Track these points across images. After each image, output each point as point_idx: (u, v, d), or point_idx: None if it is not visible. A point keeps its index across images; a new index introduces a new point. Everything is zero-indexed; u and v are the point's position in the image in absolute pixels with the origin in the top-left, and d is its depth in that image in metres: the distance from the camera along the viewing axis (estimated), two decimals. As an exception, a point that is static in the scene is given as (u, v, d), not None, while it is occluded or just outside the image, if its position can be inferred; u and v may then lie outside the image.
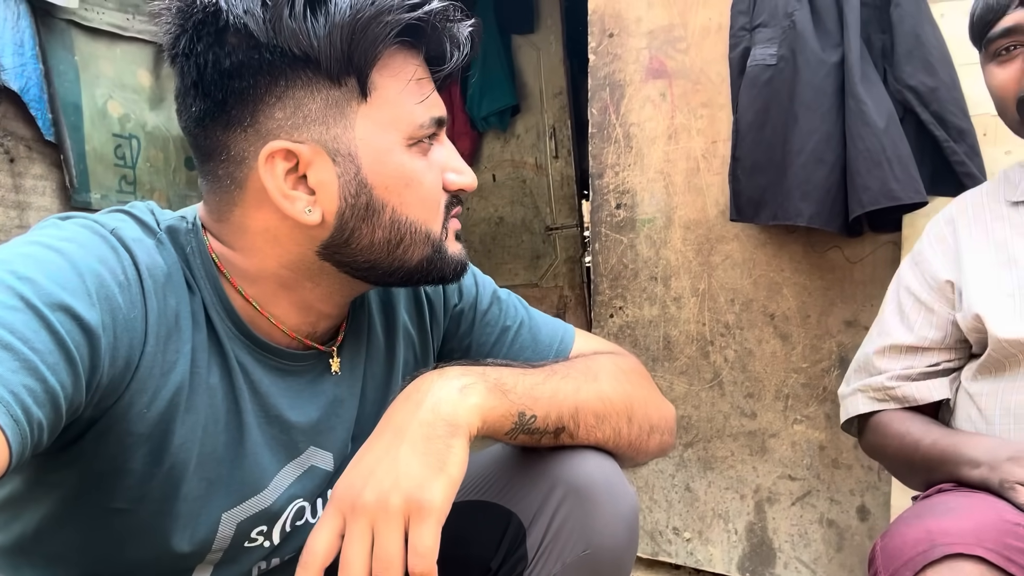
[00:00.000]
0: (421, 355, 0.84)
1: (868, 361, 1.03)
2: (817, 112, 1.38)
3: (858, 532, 1.60)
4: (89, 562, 0.66)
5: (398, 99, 0.64)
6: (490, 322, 0.86)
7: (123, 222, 0.62)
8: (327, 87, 0.62)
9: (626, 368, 0.83)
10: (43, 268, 0.52)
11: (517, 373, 0.71)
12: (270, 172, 0.62)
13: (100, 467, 0.60)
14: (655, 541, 1.84)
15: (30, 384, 0.47)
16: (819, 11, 1.41)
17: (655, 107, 1.72)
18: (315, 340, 0.72)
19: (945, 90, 1.34)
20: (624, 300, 1.81)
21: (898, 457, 0.97)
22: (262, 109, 0.62)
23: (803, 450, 1.64)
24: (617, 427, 0.77)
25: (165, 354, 0.61)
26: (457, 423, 0.63)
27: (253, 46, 0.59)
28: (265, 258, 0.66)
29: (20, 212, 1.91)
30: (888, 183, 1.31)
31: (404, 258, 0.68)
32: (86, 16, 2.03)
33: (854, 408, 1.03)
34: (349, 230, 0.65)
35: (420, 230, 0.67)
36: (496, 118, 3.60)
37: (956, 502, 0.78)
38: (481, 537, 0.78)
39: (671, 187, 1.73)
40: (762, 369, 1.67)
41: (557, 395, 0.71)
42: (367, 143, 0.63)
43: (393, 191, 0.65)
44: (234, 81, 0.61)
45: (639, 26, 1.73)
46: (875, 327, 1.05)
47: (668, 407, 0.86)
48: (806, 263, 1.60)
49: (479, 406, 0.65)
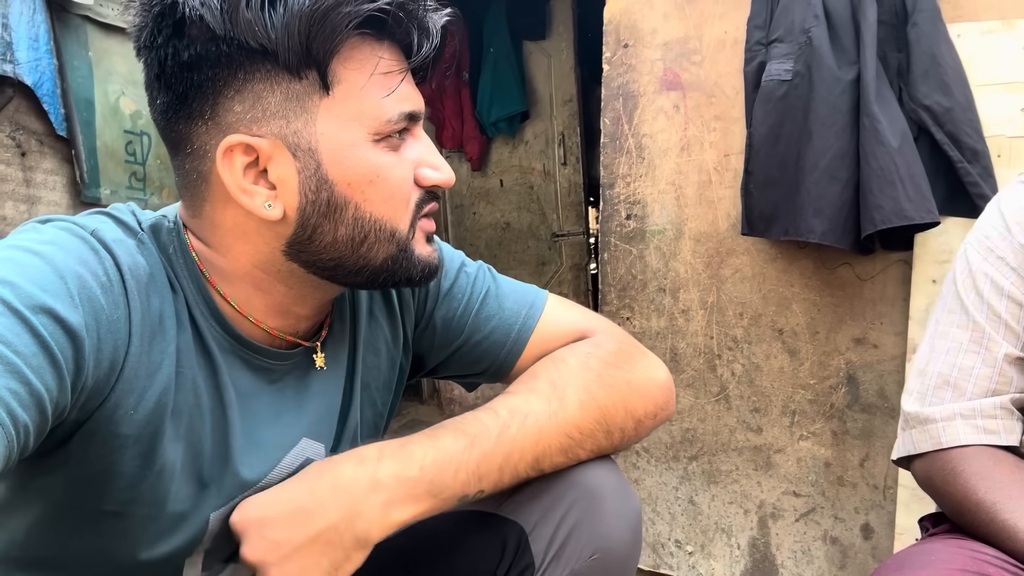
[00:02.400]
0: (392, 341, 0.82)
1: (971, 372, 0.87)
2: (831, 129, 1.38)
3: (862, 550, 1.59)
4: (80, 565, 0.66)
5: (363, 93, 0.62)
6: (456, 295, 0.83)
7: (103, 223, 0.62)
8: (287, 80, 0.60)
9: (601, 361, 0.79)
10: (23, 272, 0.52)
11: (464, 448, 0.69)
12: (228, 166, 0.61)
13: (88, 470, 0.60)
14: (657, 554, 1.83)
15: (14, 387, 0.47)
16: (836, 28, 1.41)
17: (668, 119, 1.72)
18: (299, 337, 0.72)
19: (960, 111, 1.34)
20: (632, 311, 1.81)
21: (978, 513, 0.80)
22: (221, 102, 0.61)
23: (808, 466, 1.63)
24: (595, 446, 0.76)
25: (150, 355, 0.60)
26: (368, 540, 0.66)
27: (211, 38, 0.58)
28: (238, 256, 0.66)
29: (30, 206, 1.91)
30: (901, 202, 1.31)
31: (368, 256, 0.65)
32: (101, 12, 2.03)
33: (953, 436, 0.86)
34: (311, 227, 0.63)
35: (385, 228, 0.65)
36: (505, 123, 3.61)
37: (939, 553, 0.75)
38: (481, 547, 0.77)
39: (682, 199, 1.72)
40: (769, 384, 1.66)
41: (511, 458, 0.71)
42: (329, 138, 0.61)
43: (356, 188, 0.63)
44: (193, 74, 0.60)
45: (654, 37, 1.73)
46: (955, 332, 0.90)
47: (655, 382, 0.81)
48: (816, 279, 1.59)
49: (398, 523, 0.67)
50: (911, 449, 0.91)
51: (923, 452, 0.89)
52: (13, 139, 1.86)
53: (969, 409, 0.86)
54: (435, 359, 0.86)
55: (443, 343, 0.84)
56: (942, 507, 0.89)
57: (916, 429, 0.91)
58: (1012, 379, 0.86)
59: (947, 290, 0.94)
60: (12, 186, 1.87)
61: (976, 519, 0.80)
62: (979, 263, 0.90)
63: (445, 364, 0.86)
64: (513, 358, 0.83)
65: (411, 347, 0.85)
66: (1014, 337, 0.86)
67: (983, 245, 0.90)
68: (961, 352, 0.89)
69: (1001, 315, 0.87)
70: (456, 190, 3.88)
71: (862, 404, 1.57)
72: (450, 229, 3.89)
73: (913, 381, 0.93)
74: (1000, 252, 0.88)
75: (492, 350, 0.83)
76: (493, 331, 0.83)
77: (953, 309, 0.92)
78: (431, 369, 0.88)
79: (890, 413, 1.53)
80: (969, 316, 0.89)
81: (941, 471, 0.86)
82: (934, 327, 0.94)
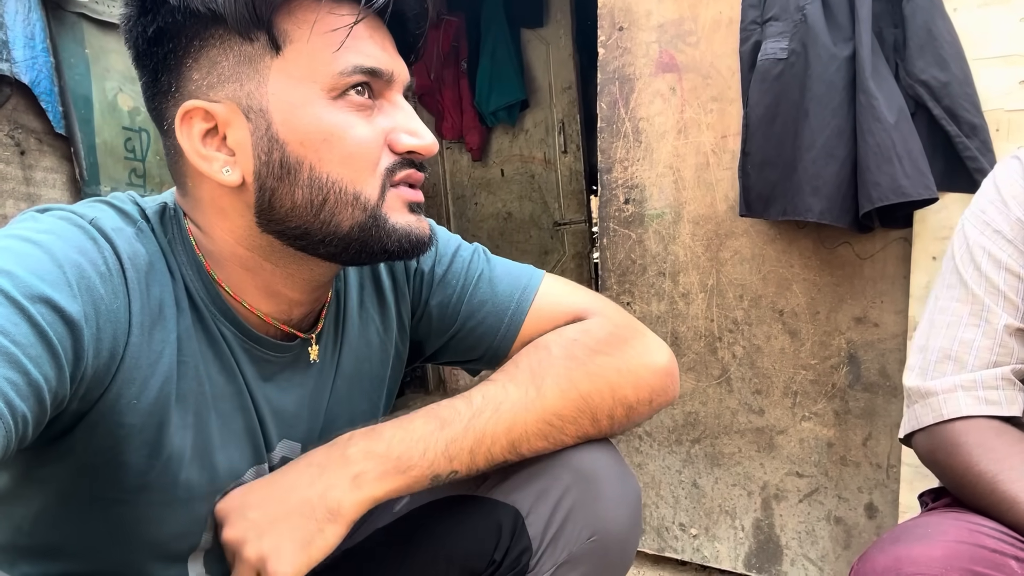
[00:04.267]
0: (384, 332, 0.82)
1: (972, 345, 0.87)
2: (828, 107, 1.37)
3: (866, 530, 1.59)
4: (88, 555, 0.66)
5: (314, 50, 0.61)
6: (450, 281, 0.82)
7: (102, 212, 0.62)
8: (239, 43, 0.60)
9: (586, 349, 0.77)
10: (22, 261, 0.52)
11: (433, 430, 0.70)
12: (186, 133, 0.62)
13: (94, 460, 0.60)
14: (661, 537, 1.84)
15: (12, 377, 0.47)
16: (831, 5, 1.40)
17: (665, 101, 1.71)
18: (292, 327, 0.72)
19: (957, 85, 1.33)
20: (632, 296, 1.81)
21: (978, 485, 0.80)
22: (183, 72, 0.62)
23: (811, 447, 1.63)
24: (579, 432, 0.76)
25: (151, 343, 0.60)
26: (339, 512, 0.67)
27: (168, 10, 0.60)
28: (222, 234, 0.66)
29: (30, 204, 1.92)
30: (898, 179, 1.30)
31: (332, 222, 0.63)
32: (96, 9, 2.03)
33: (954, 408, 0.86)
34: (269, 190, 0.62)
35: (346, 191, 0.62)
36: (505, 112, 3.60)
37: (936, 526, 0.75)
38: (477, 531, 0.77)
39: (680, 182, 1.72)
40: (770, 365, 1.66)
41: (483, 442, 0.71)
42: (279, 97, 0.61)
43: (309, 147, 0.61)
44: (158, 48, 0.62)
45: (649, 20, 1.72)
46: (957, 306, 0.90)
47: (649, 367, 0.79)
48: (816, 259, 1.59)
49: (369, 498, 0.68)
50: (914, 424, 0.91)
51: (925, 426, 0.88)
52: (12, 138, 1.87)
53: (970, 381, 0.86)
54: (433, 345, 0.86)
55: (440, 329, 0.84)
56: (943, 480, 0.89)
57: (918, 404, 0.90)
58: (1013, 350, 0.86)
59: (946, 266, 0.94)
60: (12, 184, 1.88)
61: (976, 491, 0.80)
62: (976, 237, 0.90)
63: (443, 350, 0.86)
64: (508, 343, 0.82)
65: (408, 335, 0.85)
66: (1013, 308, 0.86)
67: (979, 219, 0.90)
68: (961, 325, 0.89)
69: (999, 287, 0.87)
70: (457, 181, 3.88)
71: (864, 383, 1.56)
72: (452, 220, 3.88)
73: (914, 357, 0.93)
74: (996, 226, 0.88)
75: (487, 335, 0.83)
76: (487, 316, 0.82)
77: (952, 284, 0.91)
78: (430, 355, 0.88)
79: (892, 392, 1.53)
80: (968, 289, 0.89)
81: (943, 444, 0.86)
82: (933, 303, 0.94)
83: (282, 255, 0.67)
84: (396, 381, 0.87)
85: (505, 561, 0.76)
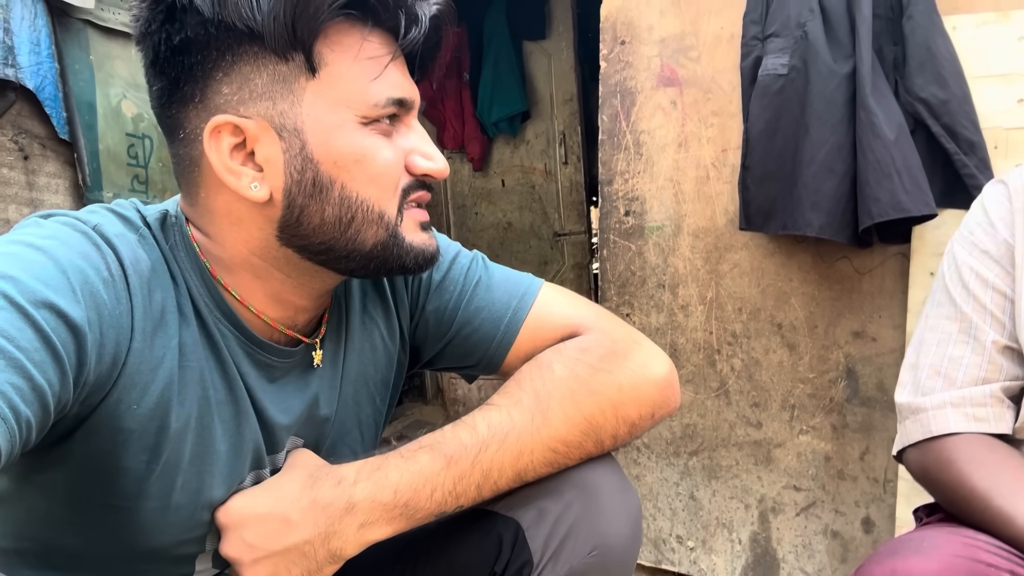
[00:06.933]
0: (388, 337, 0.83)
1: (961, 361, 0.87)
2: (828, 123, 1.38)
3: (863, 544, 1.59)
4: (88, 560, 0.66)
5: (350, 76, 0.62)
6: (447, 288, 0.83)
7: (105, 218, 0.63)
8: (274, 62, 0.61)
9: (589, 367, 0.76)
10: (26, 266, 0.52)
11: (440, 470, 0.69)
12: (215, 146, 0.62)
13: (93, 465, 0.60)
14: (658, 549, 1.83)
15: (17, 382, 0.47)
16: (831, 22, 1.41)
17: (666, 115, 1.73)
18: (297, 331, 0.72)
19: (956, 103, 1.34)
20: (631, 307, 1.81)
21: (972, 501, 0.80)
22: (211, 85, 0.62)
23: (808, 461, 1.63)
24: (583, 455, 0.76)
25: (152, 349, 0.60)
26: (340, 556, 0.68)
27: (200, 22, 0.59)
28: (235, 243, 0.66)
29: (33, 209, 1.92)
30: (897, 195, 1.31)
31: (357, 239, 0.66)
32: (102, 16, 2.04)
33: (943, 424, 0.87)
34: (298, 208, 0.64)
35: (372, 209, 0.65)
36: (506, 123, 3.61)
37: (932, 540, 0.75)
38: (478, 544, 0.77)
39: (680, 195, 1.73)
40: (769, 379, 1.66)
41: (490, 476, 0.71)
42: (315, 119, 0.62)
43: (342, 167, 0.63)
44: (184, 57, 0.61)
45: (651, 34, 1.73)
46: (945, 324, 0.91)
47: (651, 380, 0.79)
48: (815, 273, 1.59)
49: (372, 541, 0.69)
50: (905, 440, 0.91)
51: (915, 441, 0.89)
52: (16, 143, 1.88)
53: (959, 398, 0.87)
54: (430, 351, 0.87)
55: (436, 336, 0.85)
56: (936, 496, 0.89)
57: (908, 420, 0.91)
58: (1002, 367, 0.87)
59: (936, 286, 0.96)
60: (15, 189, 1.89)
61: (970, 507, 0.80)
62: (964, 257, 0.92)
63: (439, 356, 0.87)
64: (503, 351, 0.82)
65: (408, 340, 0.85)
66: (1000, 326, 0.87)
67: (967, 240, 0.92)
68: (951, 342, 0.90)
69: (986, 306, 0.88)
70: (458, 191, 3.89)
71: (861, 397, 1.57)
72: (452, 230, 3.89)
73: (905, 375, 0.94)
74: (984, 246, 0.90)
75: (482, 343, 0.83)
76: (482, 324, 0.82)
77: (941, 303, 0.93)
78: (427, 361, 0.88)
79: (889, 406, 1.53)
80: (957, 307, 0.90)
81: (935, 460, 0.87)
82: (924, 322, 0.95)
83: (295, 266, 0.68)
84: (400, 384, 0.87)
85: (506, 574, 0.76)
